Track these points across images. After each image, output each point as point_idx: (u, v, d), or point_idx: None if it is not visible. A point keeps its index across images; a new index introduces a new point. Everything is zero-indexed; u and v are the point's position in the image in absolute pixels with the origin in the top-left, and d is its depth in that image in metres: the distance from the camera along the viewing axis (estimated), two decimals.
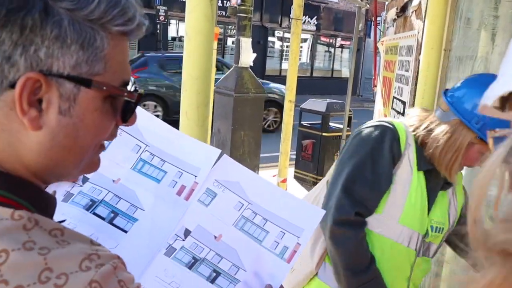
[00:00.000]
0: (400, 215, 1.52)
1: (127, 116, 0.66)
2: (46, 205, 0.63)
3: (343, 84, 15.48)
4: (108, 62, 0.61)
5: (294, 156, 7.15)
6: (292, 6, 5.06)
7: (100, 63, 0.60)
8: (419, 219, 1.55)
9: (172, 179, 1.08)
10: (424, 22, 2.77)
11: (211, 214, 1.08)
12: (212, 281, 1.03)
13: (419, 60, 2.72)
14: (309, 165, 7.08)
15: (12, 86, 0.55)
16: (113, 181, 1.06)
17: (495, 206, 0.51)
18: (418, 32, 2.96)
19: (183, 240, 1.05)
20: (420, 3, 2.93)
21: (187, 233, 1.06)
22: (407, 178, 1.53)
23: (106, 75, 0.61)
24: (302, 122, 7.32)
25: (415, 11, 3.04)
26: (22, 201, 0.58)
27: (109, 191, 1.05)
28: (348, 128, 6.98)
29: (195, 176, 1.09)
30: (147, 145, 1.10)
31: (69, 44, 0.57)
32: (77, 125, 0.60)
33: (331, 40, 22.18)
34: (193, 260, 1.04)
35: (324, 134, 6.93)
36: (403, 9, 3.37)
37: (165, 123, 1.15)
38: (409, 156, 1.54)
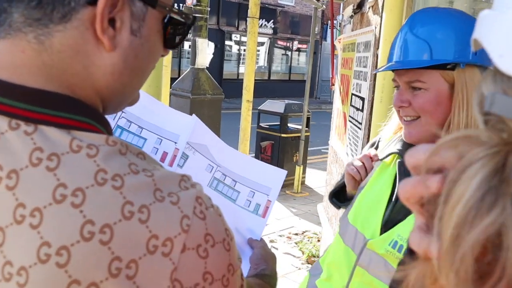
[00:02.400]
0: (350, 209, 1.33)
1: (177, 40, 0.66)
2: (112, 132, 0.62)
3: (300, 87, 15.61)
4: None
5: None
6: (248, 5, 4.98)
7: None
8: (364, 216, 1.27)
9: (153, 146, 1.09)
10: (381, 16, 2.74)
11: None
12: None
13: (377, 55, 2.68)
14: None
15: (90, 3, 0.55)
16: None
17: None
18: (376, 27, 2.93)
19: None
20: None
21: None
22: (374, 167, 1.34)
23: None
24: (260, 124, 7.25)
25: (372, 6, 3.02)
26: (102, 128, 0.58)
27: None
28: (307, 129, 6.97)
29: (175, 143, 1.10)
30: (123, 112, 1.09)
31: None
32: (144, 46, 0.60)
33: (288, 44, 22.32)
34: None
35: (283, 135, 6.89)
36: (360, 5, 3.35)
37: (156, 100, 1.16)
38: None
